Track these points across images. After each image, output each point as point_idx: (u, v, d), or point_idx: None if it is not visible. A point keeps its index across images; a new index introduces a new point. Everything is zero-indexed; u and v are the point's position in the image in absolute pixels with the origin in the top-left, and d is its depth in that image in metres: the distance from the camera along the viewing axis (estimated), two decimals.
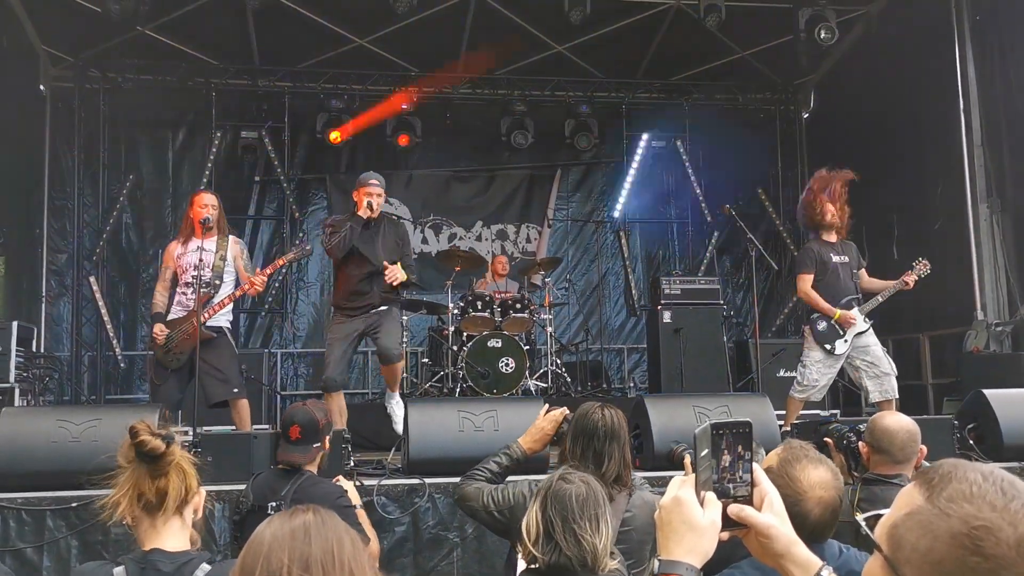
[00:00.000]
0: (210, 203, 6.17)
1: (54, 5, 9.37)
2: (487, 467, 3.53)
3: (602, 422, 3.25)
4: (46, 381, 9.57)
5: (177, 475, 2.26)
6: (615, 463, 3.18)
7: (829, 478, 2.48)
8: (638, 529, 3.05)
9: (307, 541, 1.51)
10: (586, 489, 2.42)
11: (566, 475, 2.48)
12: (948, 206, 9.34)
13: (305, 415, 3.70)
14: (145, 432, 2.22)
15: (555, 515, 2.37)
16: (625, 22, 10.25)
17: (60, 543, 4.43)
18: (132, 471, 2.24)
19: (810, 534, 2.45)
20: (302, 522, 1.55)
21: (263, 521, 1.59)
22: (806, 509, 2.42)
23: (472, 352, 8.75)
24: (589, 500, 2.40)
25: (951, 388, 9.03)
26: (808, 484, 2.44)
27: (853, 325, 6.47)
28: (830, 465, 2.55)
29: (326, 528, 1.55)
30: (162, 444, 2.22)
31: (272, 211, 11.74)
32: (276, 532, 1.53)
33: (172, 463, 2.25)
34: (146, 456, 2.21)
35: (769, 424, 5.33)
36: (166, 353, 5.94)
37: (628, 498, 3.16)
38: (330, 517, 1.58)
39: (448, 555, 4.72)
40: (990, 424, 5.50)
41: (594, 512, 2.38)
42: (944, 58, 9.31)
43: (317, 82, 11.41)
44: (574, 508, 2.36)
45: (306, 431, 3.64)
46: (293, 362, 11.56)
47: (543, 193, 12.41)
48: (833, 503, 2.45)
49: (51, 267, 10.70)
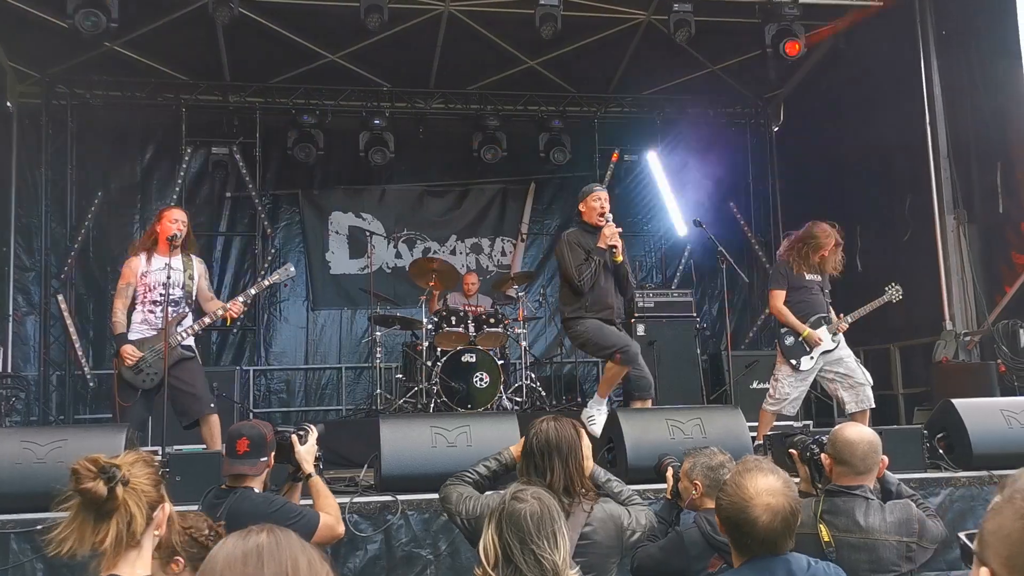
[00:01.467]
0: (180, 219, 6.07)
1: (21, 21, 9.25)
2: (477, 470, 3.52)
3: (539, 436, 3.23)
4: (12, 401, 9.43)
5: (122, 518, 2.13)
6: (558, 475, 3.15)
7: (778, 486, 2.51)
8: (599, 544, 3.01)
9: (259, 565, 1.47)
10: (539, 506, 2.38)
11: (518, 494, 2.44)
12: (916, 217, 9.44)
13: (252, 429, 3.69)
14: (87, 477, 2.09)
15: (512, 537, 2.33)
16: (596, 37, 10.30)
17: (25, 566, 4.35)
18: (78, 507, 2.13)
19: (762, 542, 2.49)
20: (255, 544, 1.50)
21: (217, 544, 1.55)
22: (753, 516, 2.48)
23: (446, 367, 8.71)
24: (544, 517, 2.36)
25: (921, 398, 9.12)
26: (755, 491, 2.50)
27: (819, 345, 6.54)
28: (782, 475, 2.58)
29: (280, 550, 1.50)
30: (103, 488, 2.09)
31: (243, 227, 11.65)
32: (229, 555, 1.50)
33: (115, 510, 2.12)
34: (88, 503, 2.10)
35: (741, 436, 5.34)
36: (137, 373, 5.82)
37: (589, 511, 3.12)
38: (286, 537, 1.54)
39: (422, 572, 4.68)
40: (959, 433, 5.53)
41: (551, 529, 2.35)
42: (911, 71, 9.43)
43: (289, 98, 11.35)
44: (531, 529, 2.33)
45: (254, 444, 3.62)
46: (265, 379, 11.46)
47: (517, 207, 12.42)
48: (782, 510, 2.47)
49: (18, 285, 10.54)
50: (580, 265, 6.09)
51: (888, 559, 3.12)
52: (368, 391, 10.68)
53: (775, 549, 2.50)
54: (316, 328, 11.74)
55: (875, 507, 3.17)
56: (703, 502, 3.54)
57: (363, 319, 11.46)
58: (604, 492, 3.38)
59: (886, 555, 3.12)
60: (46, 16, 9.11)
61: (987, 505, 4.56)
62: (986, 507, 4.80)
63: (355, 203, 12.04)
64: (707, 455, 3.65)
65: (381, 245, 11.84)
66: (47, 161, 10.59)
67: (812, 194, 11.16)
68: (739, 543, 2.56)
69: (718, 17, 9.73)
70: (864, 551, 3.09)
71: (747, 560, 2.52)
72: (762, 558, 2.49)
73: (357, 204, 12.04)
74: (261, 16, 9.59)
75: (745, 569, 2.52)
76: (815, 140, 11.36)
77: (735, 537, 2.57)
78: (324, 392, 11.61)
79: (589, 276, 6.06)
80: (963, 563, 2.55)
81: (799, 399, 6.68)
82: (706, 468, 3.58)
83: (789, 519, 2.48)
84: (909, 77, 9.46)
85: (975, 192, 8.95)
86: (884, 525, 3.14)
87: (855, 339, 7.33)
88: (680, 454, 3.97)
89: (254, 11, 9.41)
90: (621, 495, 3.38)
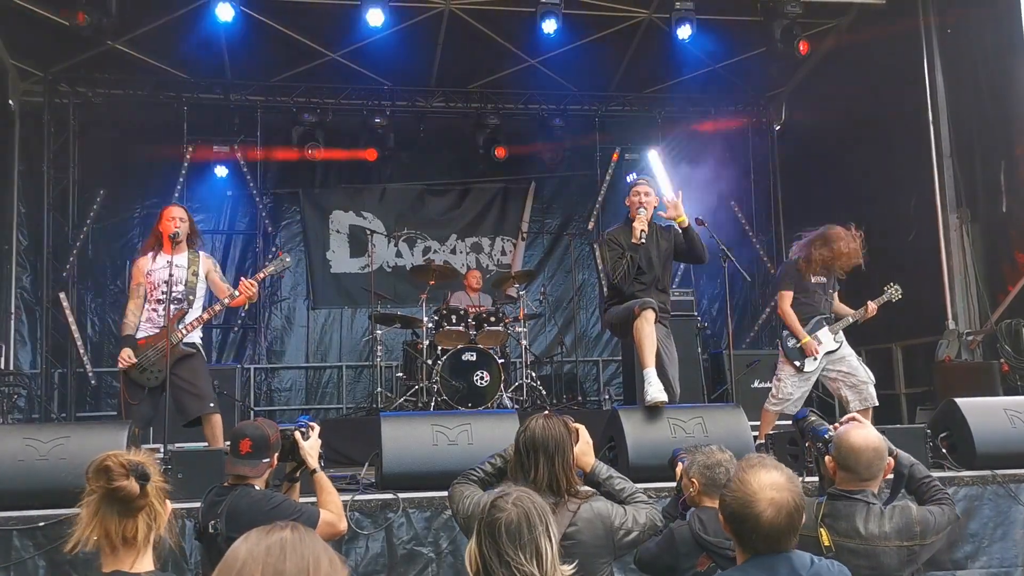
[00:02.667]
0: (179, 216, 6.06)
1: (23, 19, 9.26)
2: (483, 468, 3.50)
3: (526, 434, 3.22)
4: (14, 399, 9.43)
5: (147, 515, 2.17)
6: (542, 473, 3.13)
7: (782, 481, 2.51)
8: (584, 544, 2.97)
9: (282, 558, 1.50)
10: (516, 513, 2.28)
11: (497, 501, 2.35)
12: (919, 216, 9.43)
13: (256, 429, 3.68)
14: (120, 476, 2.12)
15: (489, 550, 2.26)
16: (597, 35, 10.29)
17: (27, 563, 4.35)
18: (99, 502, 2.14)
19: (765, 538, 2.48)
20: (278, 539, 1.53)
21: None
22: (758, 510, 2.47)
23: (447, 366, 8.71)
24: (522, 526, 2.26)
25: (924, 397, 9.11)
26: (759, 485, 2.49)
27: (815, 354, 6.54)
28: (787, 471, 2.56)
29: (303, 546, 1.53)
30: (137, 487, 2.13)
31: (244, 226, 11.66)
32: (251, 548, 1.52)
33: (144, 507, 2.16)
34: (119, 500, 2.13)
35: (743, 435, 5.34)
36: (142, 372, 5.82)
37: (575, 511, 3.08)
38: (308, 535, 1.56)
39: (423, 570, 4.68)
40: (962, 433, 5.53)
41: (530, 537, 2.25)
42: (914, 69, 9.42)
43: (290, 96, 11.35)
44: (506, 541, 2.24)
45: (256, 445, 3.61)
46: (266, 377, 11.46)
47: (517, 206, 12.42)
48: (787, 505, 2.46)
49: (20, 283, 10.55)
50: (616, 261, 6.07)
51: (889, 565, 3.11)
52: (369, 390, 10.68)
53: (778, 546, 2.48)
54: (317, 327, 11.75)
55: (875, 513, 3.15)
56: (700, 500, 3.53)
57: (364, 318, 11.47)
58: (604, 490, 3.36)
59: (887, 561, 3.11)
60: (48, 15, 9.10)
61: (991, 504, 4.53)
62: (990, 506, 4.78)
63: (356, 202, 12.05)
64: (706, 453, 3.64)
65: (382, 244, 11.84)
66: (49, 159, 10.58)
67: (814, 193, 11.16)
68: (743, 539, 2.55)
69: (720, 16, 9.73)
70: (864, 557, 3.08)
71: (750, 557, 2.51)
72: (766, 555, 2.48)
73: (358, 203, 12.05)
74: (262, 15, 9.59)
75: (748, 566, 2.51)
76: (817, 139, 11.34)
77: (739, 533, 2.55)
78: (325, 391, 11.61)
79: (623, 273, 6.03)
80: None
81: (802, 399, 6.67)
82: (703, 467, 3.57)
83: (793, 515, 2.47)
84: (912, 75, 9.44)
85: (978, 191, 8.93)
86: (884, 532, 3.11)
87: (857, 339, 7.32)
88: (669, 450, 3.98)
89: (255, 10, 9.42)
90: (623, 492, 3.35)
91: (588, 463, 3.40)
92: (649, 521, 3.23)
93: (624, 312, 5.96)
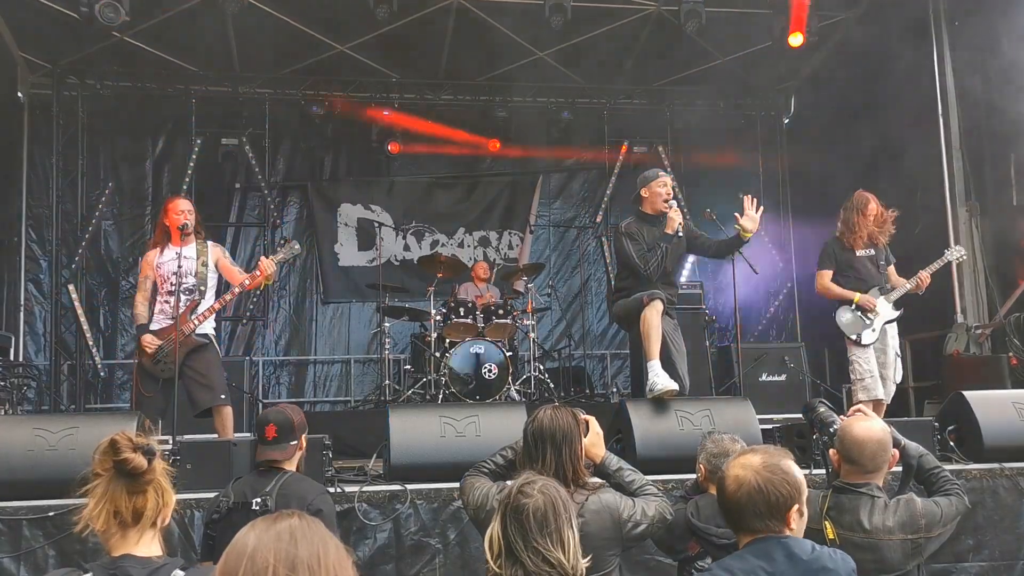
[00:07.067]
0: (186, 208, 6.09)
1: (32, 12, 9.27)
2: (493, 460, 3.52)
3: (534, 424, 3.24)
4: (24, 390, 9.47)
5: (155, 491, 2.21)
6: (549, 464, 3.13)
7: (755, 462, 2.53)
8: (592, 536, 2.95)
9: (293, 543, 1.53)
10: (543, 501, 2.36)
11: (524, 488, 2.41)
12: (928, 209, 9.39)
13: (279, 414, 3.76)
14: (127, 448, 2.17)
15: (515, 534, 2.33)
16: (606, 28, 10.26)
17: (37, 552, 4.38)
18: (108, 482, 2.18)
19: (728, 513, 2.57)
20: (288, 525, 1.56)
21: (246, 524, 1.58)
22: (723, 486, 2.58)
23: (455, 358, 8.72)
24: (548, 513, 2.34)
25: (932, 391, 9.08)
26: (732, 463, 2.59)
27: (874, 308, 6.46)
28: (773, 458, 2.56)
29: (312, 532, 1.57)
30: (144, 461, 2.17)
31: (253, 218, 11.69)
32: (260, 534, 1.54)
33: (152, 481, 2.20)
34: (127, 474, 2.16)
35: (751, 427, 5.34)
36: (156, 363, 5.85)
37: (583, 502, 3.08)
38: (315, 523, 1.60)
39: (430, 561, 4.69)
40: (970, 426, 5.53)
41: (555, 525, 2.34)
42: (923, 62, 9.36)
43: (298, 88, 11.37)
44: (533, 526, 2.32)
45: (282, 429, 3.70)
46: (275, 370, 11.49)
47: (525, 199, 12.41)
48: (748, 483, 2.49)
49: (29, 275, 10.60)
50: (645, 254, 6.01)
51: (893, 559, 3.11)
52: (377, 382, 10.69)
53: (744, 524, 2.52)
54: (325, 319, 11.77)
55: (880, 507, 3.14)
56: (706, 486, 3.61)
57: (372, 310, 11.47)
58: (614, 481, 3.36)
59: (890, 555, 3.10)
60: (57, 7, 9.12)
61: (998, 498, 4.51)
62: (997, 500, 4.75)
63: (364, 195, 12.05)
64: (714, 441, 3.71)
65: (389, 237, 11.83)
66: (58, 151, 10.61)
67: (823, 186, 11.10)
68: (727, 521, 2.64)
69: (728, 8, 9.69)
70: (869, 551, 3.08)
71: (750, 542, 2.53)
72: (763, 540, 2.49)
73: (366, 196, 12.05)
74: (271, 7, 9.59)
75: (745, 551, 2.51)
76: (826, 131, 11.29)
77: (724, 515, 2.65)
78: (333, 383, 11.64)
79: (656, 265, 5.99)
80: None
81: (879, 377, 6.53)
82: (710, 454, 3.65)
83: (754, 494, 2.47)
84: (920, 67, 9.39)
85: (987, 183, 8.90)
86: (887, 525, 3.11)
87: None
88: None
89: (263, 2, 9.41)
90: (633, 484, 3.34)
91: (598, 455, 3.41)
92: (658, 514, 3.22)
93: (632, 303, 5.95)
